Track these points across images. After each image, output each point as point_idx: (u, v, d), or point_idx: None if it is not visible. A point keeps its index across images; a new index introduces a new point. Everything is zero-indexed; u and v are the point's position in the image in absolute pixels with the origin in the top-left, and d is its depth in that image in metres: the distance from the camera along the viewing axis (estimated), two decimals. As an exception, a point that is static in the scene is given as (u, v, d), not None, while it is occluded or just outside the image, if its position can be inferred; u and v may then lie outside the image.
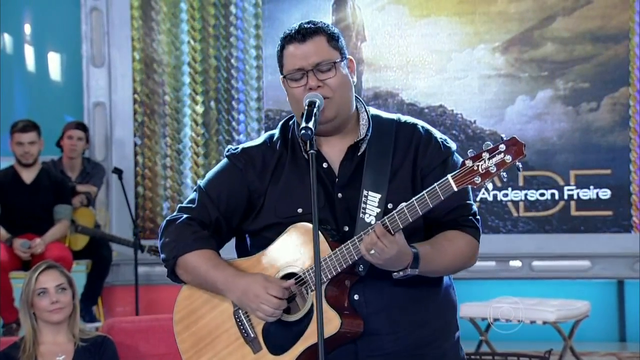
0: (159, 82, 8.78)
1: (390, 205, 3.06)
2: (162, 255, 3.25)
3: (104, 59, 8.80)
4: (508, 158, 2.87)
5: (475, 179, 2.89)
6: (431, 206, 2.92)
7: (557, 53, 8.36)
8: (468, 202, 3.18)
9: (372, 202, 3.08)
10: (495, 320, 7.28)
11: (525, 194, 8.36)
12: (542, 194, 8.36)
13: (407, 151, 3.17)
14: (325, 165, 3.17)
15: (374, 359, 3.11)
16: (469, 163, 2.90)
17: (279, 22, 8.50)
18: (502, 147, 2.88)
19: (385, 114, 3.27)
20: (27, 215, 7.51)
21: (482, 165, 2.88)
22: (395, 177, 3.12)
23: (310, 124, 2.91)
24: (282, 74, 3.18)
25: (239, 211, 3.22)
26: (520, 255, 8.40)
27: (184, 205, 3.28)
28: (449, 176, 2.91)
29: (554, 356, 6.58)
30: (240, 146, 3.30)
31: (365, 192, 3.09)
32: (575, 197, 8.34)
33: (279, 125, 3.31)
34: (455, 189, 2.90)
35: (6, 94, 9.03)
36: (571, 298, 7.58)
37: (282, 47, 3.16)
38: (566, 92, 8.35)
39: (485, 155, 2.89)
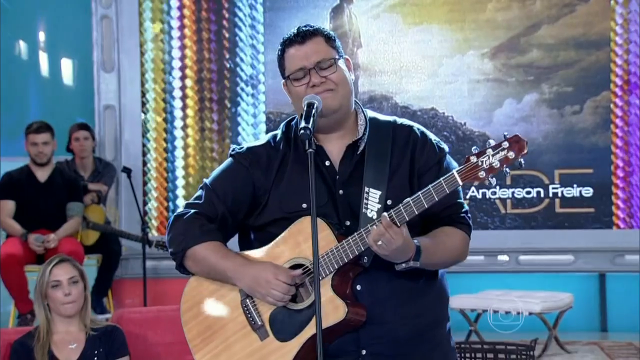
0: (166, 86, 8.78)
1: (389, 202, 3.06)
2: (171, 249, 3.24)
3: (114, 64, 8.79)
4: (511, 154, 2.86)
5: (480, 174, 2.87)
6: (437, 199, 2.91)
7: (542, 59, 8.36)
8: (460, 200, 3.19)
9: (373, 198, 3.07)
10: (484, 311, 7.29)
11: (513, 192, 8.36)
12: (528, 192, 8.36)
13: (404, 151, 3.16)
14: (327, 163, 3.16)
15: (374, 347, 3.09)
16: (473, 159, 2.88)
17: (279, 29, 8.50)
18: (506, 144, 2.87)
19: (382, 116, 3.27)
20: (41, 212, 7.50)
21: (486, 161, 2.86)
22: (394, 176, 3.12)
23: (309, 124, 2.90)
24: (283, 77, 3.18)
25: (244, 207, 3.21)
26: (508, 250, 8.40)
27: (191, 202, 3.27)
28: (454, 171, 2.90)
29: (539, 345, 6.59)
30: (245, 145, 3.29)
31: (366, 189, 3.08)
32: (559, 195, 8.34)
33: (282, 126, 3.29)
34: (461, 183, 2.89)
35: (21, 98, 9.03)
36: (555, 290, 7.60)
37: (283, 51, 3.17)
38: (551, 96, 8.35)
39: (489, 151, 2.87)
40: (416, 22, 8.50)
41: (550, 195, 8.34)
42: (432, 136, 3.24)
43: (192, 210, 3.22)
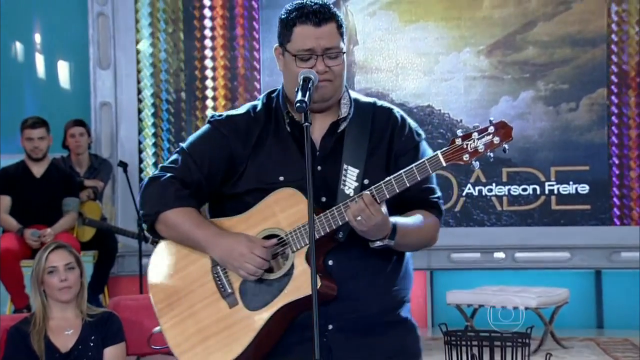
0: (162, 83, 8.81)
1: (366, 181, 3.07)
2: (143, 211, 3.19)
3: (110, 61, 8.82)
4: (496, 140, 2.87)
5: (464, 156, 2.88)
6: (419, 179, 2.93)
7: (538, 56, 8.40)
8: (433, 186, 3.21)
9: (351, 175, 3.09)
10: (480, 306, 7.31)
11: (509, 189, 8.40)
12: (524, 189, 8.39)
13: (383, 132, 3.18)
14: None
15: (341, 322, 3.10)
16: (458, 141, 2.89)
17: (276, 27, 8.48)
18: (492, 128, 2.88)
19: (363, 97, 3.28)
20: (37, 207, 7.51)
21: (471, 144, 2.88)
22: (372, 156, 3.13)
23: (305, 98, 2.91)
24: (281, 43, 3.17)
25: (220, 175, 3.18)
26: (504, 247, 8.42)
27: (166, 165, 3.22)
28: (438, 152, 2.91)
29: (535, 341, 6.61)
30: (225, 113, 3.27)
31: (345, 166, 3.10)
32: (555, 192, 8.37)
33: (262, 97, 3.29)
34: (444, 164, 2.90)
35: (17, 100, 9.04)
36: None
37: (294, 24, 3.11)
38: (547, 93, 8.39)
39: (475, 135, 2.89)
40: (412, 19, 8.54)
41: (547, 192, 8.37)
42: (410, 121, 3.26)
43: (168, 174, 3.17)
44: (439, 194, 3.23)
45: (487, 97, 8.44)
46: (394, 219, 3.01)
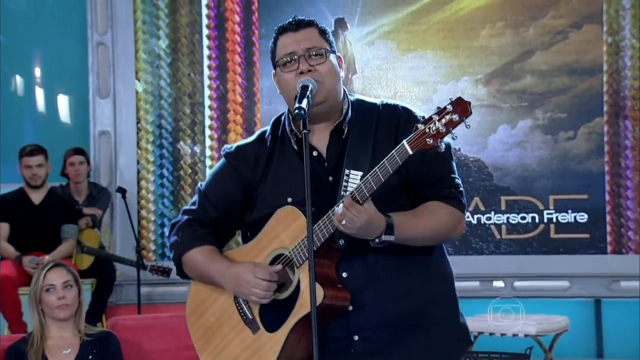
0: (161, 111, 8.82)
1: None
2: (171, 255, 3.34)
3: (110, 90, 8.85)
4: (455, 117, 2.85)
5: (428, 140, 2.84)
6: (391, 171, 2.89)
7: (536, 85, 8.42)
8: (452, 175, 3.16)
9: (353, 179, 3.07)
10: (480, 333, 7.27)
11: (507, 218, 8.38)
12: (523, 218, 8.38)
13: (389, 130, 3.16)
14: (315, 153, 3.16)
15: (367, 332, 3.08)
16: (420, 127, 2.86)
17: (275, 56, 8.53)
18: (450, 107, 2.87)
19: (368, 99, 3.28)
20: (35, 234, 7.53)
21: (432, 127, 2.84)
22: (377, 155, 3.07)
23: (304, 105, 2.91)
24: (274, 67, 3.19)
25: (237, 207, 3.26)
26: (503, 276, 8.39)
27: (186, 208, 3.36)
28: (404, 141, 2.88)
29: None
30: (235, 145, 3.34)
31: (347, 171, 3.09)
32: (554, 220, 8.35)
33: (271, 122, 3.31)
34: (411, 152, 2.86)
35: (17, 131, 9.06)
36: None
37: (276, 40, 3.18)
38: (545, 122, 8.40)
39: (435, 117, 2.86)
40: (410, 48, 8.57)
41: (545, 220, 8.35)
42: (416, 111, 3.23)
43: (186, 217, 3.31)
44: (456, 183, 3.16)
45: (485, 125, 8.45)
46: (391, 215, 2.98)
